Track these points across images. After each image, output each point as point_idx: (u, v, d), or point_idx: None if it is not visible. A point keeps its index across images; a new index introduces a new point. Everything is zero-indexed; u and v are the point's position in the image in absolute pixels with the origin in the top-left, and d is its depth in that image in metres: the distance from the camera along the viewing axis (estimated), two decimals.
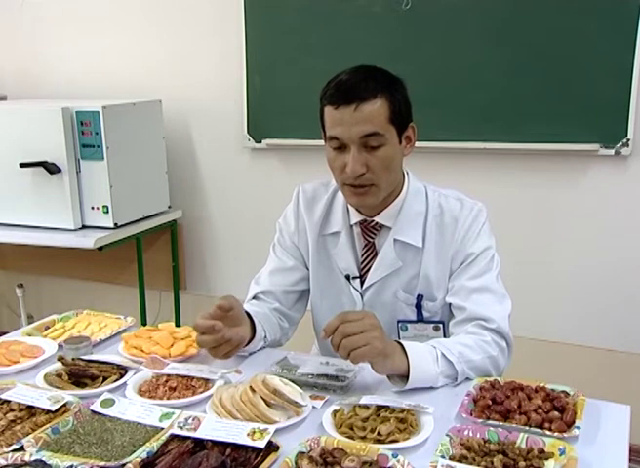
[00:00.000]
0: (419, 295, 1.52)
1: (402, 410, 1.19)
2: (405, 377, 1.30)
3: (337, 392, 1.32)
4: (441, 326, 1.51)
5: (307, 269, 1.64)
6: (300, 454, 1.06)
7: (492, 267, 1.49)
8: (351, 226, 1.56)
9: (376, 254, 1.53)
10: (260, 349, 1.53)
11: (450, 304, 1.51)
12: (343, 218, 1.56)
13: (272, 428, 1.11)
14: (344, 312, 1.30)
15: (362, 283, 1.55)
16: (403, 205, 1.52)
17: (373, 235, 1.53)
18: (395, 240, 1.51)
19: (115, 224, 2.75)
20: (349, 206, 1.55)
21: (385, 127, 1.39)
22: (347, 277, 1.55)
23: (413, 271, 1.52)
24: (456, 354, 1.35)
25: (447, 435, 1.11)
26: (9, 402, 1.24)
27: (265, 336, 1.53)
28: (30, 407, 1.22)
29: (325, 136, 1.45)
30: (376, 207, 1.51)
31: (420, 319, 1.52)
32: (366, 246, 1.54)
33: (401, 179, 1.53)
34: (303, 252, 1.63)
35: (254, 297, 1.64)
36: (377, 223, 1.52)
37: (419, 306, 1.52)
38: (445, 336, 1.51)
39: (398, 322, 1.53)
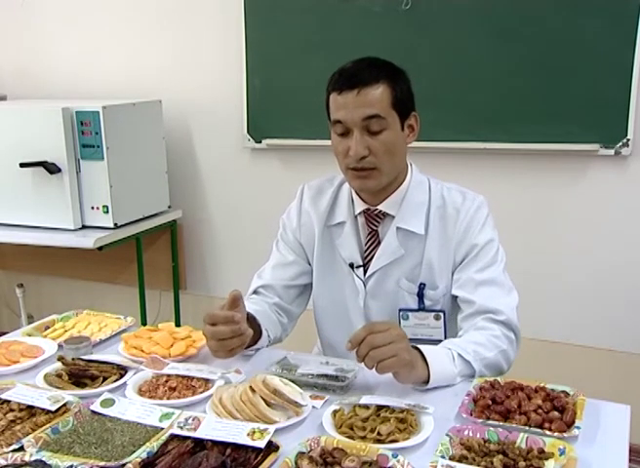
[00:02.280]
0: (421, 284, 1.53)
1: (402, 410, 1.19)
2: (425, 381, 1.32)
3: (337, 392, 1.32)
4: (442, 315, 1.52)
5: (309, 264, 1.65)
6: (300, 454, 1.06)
7: (497, 259, 1.50)
8: (356, 217, 1.57)
9: (379, 243, 1.55)
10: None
11: (456, 297, 1.52)
12: (348, 209, 1.58)
13: (272, 428, 1.11)
14: (371, 323, 1.31)
15: (365, 272, 1.56)
16: (406, 194, 1.54)
17: (376, 223, 1.55)
18: (398, 228, 1.52)
19: (115, 224, 2.75)
20: (354, 196, 1.57)
21: (387, 111, 1.42)
22: (351, 265, 1.56)
23: (415, 259, 1.53)
24: (471, 353, 1.36)
25: (447, 435, 1.11)
26: (9, 402, 1.24)
27: (268, 335, 1.54)
28: (30, 407, 1.22)
29: (330, 124, 1.48)
30: (379, 195, 1.53)
31: (422, 307, 1.54)
32: (369, 234, 1.56)
33: (404, 168, 1.55)
34: (305, 246, 1.64)
35: (254, 292, 1.65)
36: (380, 211, 1.54)
37: (420, 295, 1.53)
38: (445, 326, 1.52)
39: (399, 310, 1.54)
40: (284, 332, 1.66)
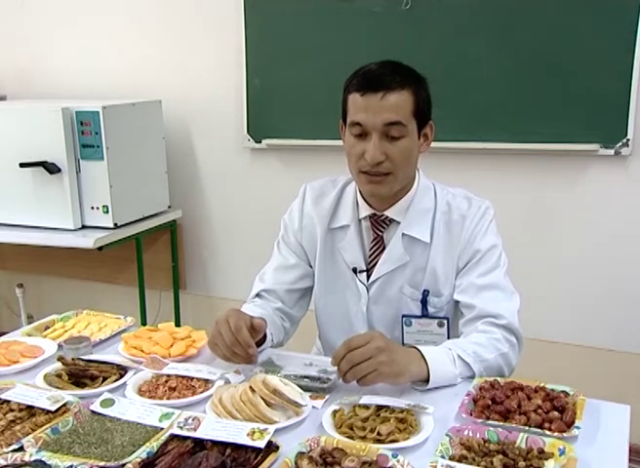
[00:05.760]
0: (425, 291, 1.53)
1: (402, 410, 1.19)
2: (425, 380, 1.32)
3: (319, 393, 1.31)
4: (445, 322, 1.52)
5: (310, 267, 1.65)
6: (300, 454, 1.06)
7: (500, 264, 1.50)
8: (360, 221, 1.57)
9: (383, 249, 1.54)
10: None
11: (458, 302, 1.52)
12: (352, 212, 1.57)
13: (272, 428, 1.11)
14: (349, 339, 1.29)
15: (368, 277, 1.56)
16: (413, 201, 1.53)
17: (382, 229, 1.55)
18: (403, 234, 1.52)
19: (115, 224, 2.75)
20: (359, 200, 1.56)
21: (408, 119, 1.41)
22: (354, 270, 1.56)
23: (420, 266, 1.53)
24: (471, 354, 1.36)
25: (447, 435, 1.11)
26: (9, 402, 1.24)
27: (272, 339, 1.54)
28: (30, 407, 1.22)
29: (345, 124, 1.47)
30: (386, 201, 1.52)
31: (425, 314, 1.53)
32: (374, 239, 1.55)
33: (413, 176, 1.54)
34: (307, 249, 1.64)
35: (257, 295, 1.65)
36: (386, 217, 1.53)
37: (424, 301, 1.53)
38: (449, 333, 1.52)
39: (402, 316, 1.53)
40: (286, 336, 1.65)
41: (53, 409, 1.20)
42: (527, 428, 1.13)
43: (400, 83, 1.39)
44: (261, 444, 1.07)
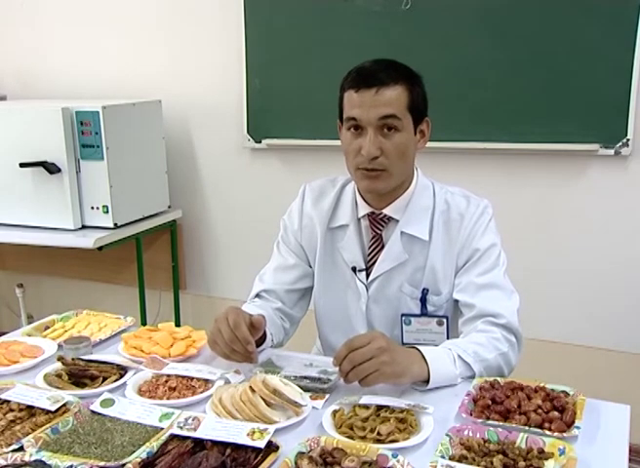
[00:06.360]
0: (424, 289, 1.53)
1: (402, 410, 1.19)
2: (426, 380, 1.32)
3: (319, 394, 1.31)
4: (445, 320, 1.52)
5: (310, 267, 1.65)
6: (300, 454, 1.06)
7: (499, 263, 1.50)
8: (359, 220, 1.57)
9: (382, 247, 1.55)
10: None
11: (457, 301, 1.52)
12: (352, 212, 1.57)
13: (272, 428, 1.11)
14: (351, 339, 1.28)
15: (367, 275, 1.56)
16: (411, 199, 1.54)
17: (381, 227, 1.55)
18: (402, 233, 1.52)
19: (115, 224, 2.75)
20: (358, 199, 1.57)
21: (403, 113, 1.42)
22: (354, 269, 1.56)
23: (419, 264, 1.53)
24: (472, 354, 1.36)
25: (447, 435, 1.11)
26: (9, 402, 1.24)
27: (272, 340, 1.55)
28: (30, 407, 1.22)
29: (341, 123, 1.48)
30: (385, 198, 1.52)
31: (424, 313, 1.53)
32: (373, 238, 1.55)
33: (411, 173, 1.55)
34: (307, 249, 1.64)
35: (257, 295, 1.65)
36: (385, 215, 1.54)
37: (423, 300, 1.53)
38: (448, 332, 1.52)
39: (402, 315, 1.54)
40: (286, 337, 1.66)
41: (53, 409, 1.20)
42: (527, 428, 1.13)
43: (394, 78, 1.41)
44: (261, 444, 1.07)
